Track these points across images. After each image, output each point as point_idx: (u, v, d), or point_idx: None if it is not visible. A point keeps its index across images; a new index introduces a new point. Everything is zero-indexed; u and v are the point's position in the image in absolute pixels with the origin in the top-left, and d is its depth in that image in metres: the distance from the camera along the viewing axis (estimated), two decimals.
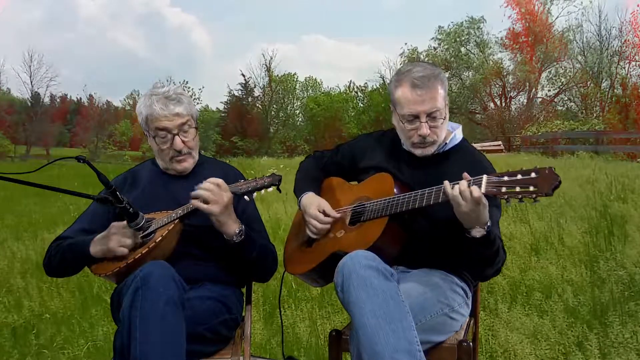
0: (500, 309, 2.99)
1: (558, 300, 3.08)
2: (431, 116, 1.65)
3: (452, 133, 1.77)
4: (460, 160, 1.71)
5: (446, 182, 1.46)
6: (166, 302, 1.39)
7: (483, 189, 1.39)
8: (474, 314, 1.88)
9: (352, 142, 1.98)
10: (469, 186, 1.41)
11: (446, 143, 1.74)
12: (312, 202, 1.81)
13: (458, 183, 1.44)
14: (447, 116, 1.71)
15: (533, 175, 1.32)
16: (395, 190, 1.64)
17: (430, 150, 1.71)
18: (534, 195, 1.31)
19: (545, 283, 3.36)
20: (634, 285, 3.19)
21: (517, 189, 1.33)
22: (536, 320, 2.83)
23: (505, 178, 1.36)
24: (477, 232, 1.46)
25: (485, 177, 1.40)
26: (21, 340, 3.01)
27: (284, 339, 2.18)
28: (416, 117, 1.65)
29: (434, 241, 1.65)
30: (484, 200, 1.41)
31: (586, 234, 4.31)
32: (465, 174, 1.44)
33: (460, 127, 1.82)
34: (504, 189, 1.35)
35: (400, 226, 1.63)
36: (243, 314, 1.85)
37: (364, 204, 1.71)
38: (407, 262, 1.72)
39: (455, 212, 1.45)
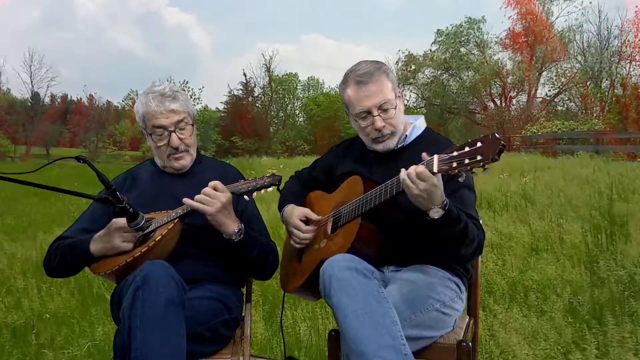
0: (499, 309, 2.99)
1: (557, 300, 3.08)
2: (382, 108, 1.68)
3: (412, 125, 1.79)
4: (423, 149, 1.71)
5: (402, 169, 1.46)
6: (166, 302, 1.39)
7: (435, 168, 1.38)
8: (473, 314, 1.88)
9: (326, 155, 2.02)
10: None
11: (407, 135, 1.76)
12: (294, 212, 1.84)
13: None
14: (400, 106, 1.73)
15: (479, 144, 1.31)
16: (365, 189, 1.66)
17: (391, 143, 1.72)
18: (482, 164, 1.30)
19: (545, 283, 3.36)
20: (634, 285, 3.19)
21: (467, 161, 1.32)
22: (535, 320, 2.84)
23: (455, 153, 1.35)
24: (435, 213, 1.44)
25: (435, 156, 1.40)
26: (21, 340, 3.02)
27: (285, 339, 2.18)
28: (368, 112, 1.69)
29: (410, 233, 1.66)
30: (434, 181, 1.40)
31: (586, 234, 4.30)
32: (424, 154, 1.44)
33: (422, 117, 1.85)
34: (454, 164, 1.34)
35: (374, 224, 1.64)
36: (243, 313, 1.86)
37: (340, 210, 1.74)
38: (395, 260, 1.73)
39: (410, 198, 1.44)
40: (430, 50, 31.36)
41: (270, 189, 1.70)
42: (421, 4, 74.15)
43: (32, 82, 40.59)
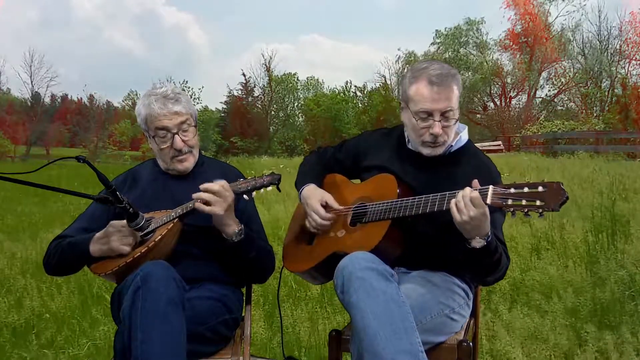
0: (500, 309, 2.99)
1: (558, 301, 3.07)
2: (444, 115, 1.62)
3: (458, 135, 1.75)
4: (465, 163, 1.68)
5: (459, 192, 1.42)
6: (166, 302, 1.39)
7: (489, 200, 1.36)
8: (474, 314, 1.87)
9: (356, 139, 1.94)
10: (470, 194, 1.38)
11: (452, 145, 1.71)
12: (315, 194, 1.79)
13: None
14: (458, 117, 1.69)
15: (540, 189, 1.28)
16: (398, 192, 1.62)
17: (439, 150, 1.67)
18: (540, 210, 1.28)
19: (546, 283, 3.36)
20: (635, 284, 3.19)
21: (524, 202, 1.30)
22: (536, 321, 2.83)
23: (512, 190, 1.32)
24: (477, 243, 1.43)
25: (491, 187, 1.37)
26: (21, 340, 3.01)
27: (285, 339, 2.17)
28: (430, 114, 1.62)
29: (436, 245, 1.64)
30: (486, 210, 1.38)
31: (587, 234, 4.30)
32: (475, 182, 1.41)
33: (466, 128, 1.80)
34: (510, 201, 1.32)
35: (403, 230, 1.61)
36: (243, 314, 1.85)
37: (366, 205, 1.69)
38: (408, 263, 1.71)
39: (455, 223, 1.42)
40: (430, 50, 31.41)
41: (269, 188, 1.69)
42: (420, 4, 74.21)
43: (32, 82, 40.64)
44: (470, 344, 1.59)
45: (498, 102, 30.97)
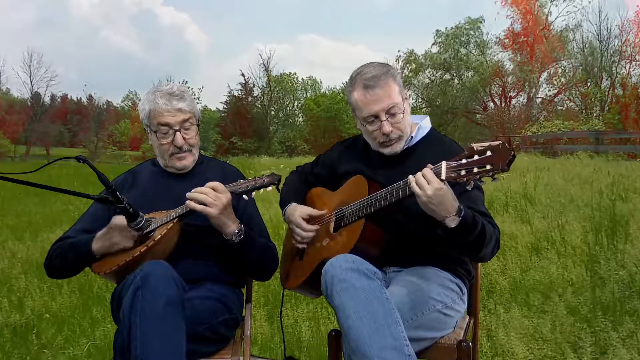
0: (500, 309, 2.99)
1: (558, 301, 3.07)
2: (390, 113, 1.67)
3: (417, 125, 1.78)
4: (428, 151, 1.71)
5: (410, 176, 1.45)
6: (166, 302, 1.39)
7: (443, 175, 1.38)
8: (473, 314, 1.88)
9: (329, 152, 2.00)
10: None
11: (412, 136, 1.75)
12: (296, 210, 1.83)
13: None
14: (408, 109, 1.72)
15: (489, 153, 1.31)
16: (369, 191, 1.65)
17: (398, 147, 1.72)
18: (491, 174, 1.30)
19: (546, 283, 3.36)
20: (634, 284, 3.19)
21: (475, 169, 1.32)
22: (536, 320, 2.83)
23: (464, 161, 1.35)
24: (452, 222, 1.44)
25: (444, 163, 1.39)
26: (22, 340, 3.01)
27: (285, 339, 2.18)
28: (376, 117, 1.67)
29: (416, 236, 1.65)
30: (443, 186, 1.39)
31: (587, 234, 4.30)
32: (429, 165, 1.43)
33: (427, 117, 1.83)
34: (463, 172, 1.34)
35: (378, 225, 1.63)
36: (243, 314, 1.85)
37: (343, 209, 1.73)
38: (398, 261, 1.73)
39: (421, 206, 1.43)
40: (430, 51, 31.43)
41: (269, 188, 1.70)
42: (418, 4, 74.26)
43: (31, 82, 40.68)
44: (470, 344, 1.60)
45: (498, 102, 30.97)
